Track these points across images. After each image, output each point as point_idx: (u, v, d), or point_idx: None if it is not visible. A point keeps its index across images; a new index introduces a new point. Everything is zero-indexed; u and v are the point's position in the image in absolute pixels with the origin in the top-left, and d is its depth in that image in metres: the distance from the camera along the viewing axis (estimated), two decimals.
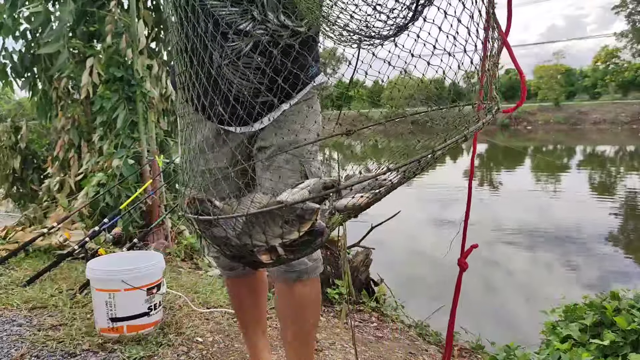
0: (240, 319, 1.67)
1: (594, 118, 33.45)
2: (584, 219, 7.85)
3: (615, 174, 13.92)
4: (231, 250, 0.76)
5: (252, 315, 1.61)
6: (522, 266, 5.60)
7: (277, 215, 0.72)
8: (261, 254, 0.73)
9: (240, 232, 0.74)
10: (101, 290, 2.01)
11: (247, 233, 0.73)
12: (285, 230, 0.72)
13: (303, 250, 0.76)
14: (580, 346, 1.87)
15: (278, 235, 0.72)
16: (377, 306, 2.76)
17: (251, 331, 1.62)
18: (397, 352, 2.21)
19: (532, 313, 3.61)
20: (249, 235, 0.73)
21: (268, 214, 0.71)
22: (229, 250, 0.76)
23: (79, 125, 4.51)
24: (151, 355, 1.90)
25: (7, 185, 5.23)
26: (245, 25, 0.78)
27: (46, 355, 1.87)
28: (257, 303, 1.59)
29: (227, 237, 0.74)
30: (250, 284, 1.54)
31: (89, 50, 4.22)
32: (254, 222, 0.72)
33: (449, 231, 6.97)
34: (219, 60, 1.05)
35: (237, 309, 1.65)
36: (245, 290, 1.55)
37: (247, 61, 0.76)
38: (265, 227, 0.72)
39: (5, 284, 2.68)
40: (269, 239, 0.72)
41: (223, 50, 1.01)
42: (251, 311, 1.60)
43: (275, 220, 0.72)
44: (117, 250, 3.33)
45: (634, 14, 39.46)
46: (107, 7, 4.10)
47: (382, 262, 3.22)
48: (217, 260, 1.52)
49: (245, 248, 0.74)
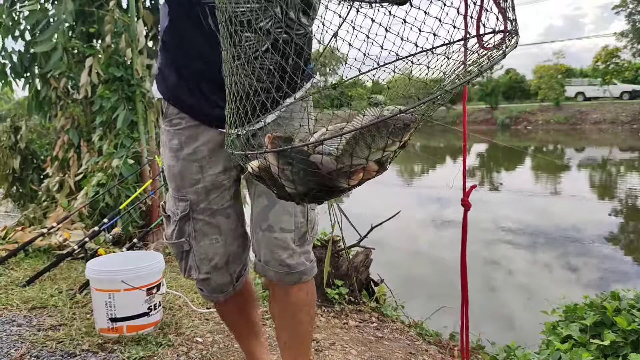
0: (236, 334, 1.63)
1: (594, 118, 33.45)
2: (584, 219, 7.84)
3: (615, 174, 13.92)
4: (310, 182, 0.73)
5: (248, 329, 1.56)
6: (522, 266, 5.60)
7: (385, 126, 0.69)
8: (358, 173, 0.72)
9: (342, 153, 0.71)
10: (101, 291, 2.01)
11: (348, 152, 0.71)
12: (389, 141, 0.70)
13: (388, 165, 0.75)
14: (580, 346, 1.87)
15: (381, 148, 0.70)
16: (377, 306, 2.76)
17: (246, 341, 1.59)
18: (397, 352, 2.21)
19: (532, 313, 3.61)
20: (350, 154, 0.70)
21: (377, 126, 0.68)
22: (308, 183, 0.73)
23: (78, 125, 4.51)
24: (151, 355, 1.90)
25: (7, 185, 5.24)
26: (266, 23, 0.77)
27: (46, 355, 1.87)
28: (249, 317, 1.54)
29: (320, 164, 0.71)
30: (239, 302, 1.47)
31: (88, 50, 4.22)
32: (361, 137, 0.70)
33: (448, 231, 6.98)
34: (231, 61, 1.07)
35: (231, 327, 1.60)
36: (236, 309, 1.48)
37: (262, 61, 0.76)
38: (371, 140, 0.70)
39: (5, 284, 2.68)
40: (372, 154, 0.70)
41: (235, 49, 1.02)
42: (246, 326, 1.55)
43: (381, 132, 0.70)
44: (116, 250, 3.33)
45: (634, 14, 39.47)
46: (107, 7, 4.10)
47: (382, 262, 3.22)
48: (205, 286, 1.36)
49: (339, 171, 0.72)
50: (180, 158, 1.23)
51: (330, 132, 0.77)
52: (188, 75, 1.19)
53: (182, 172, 1.24)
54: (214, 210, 1.27)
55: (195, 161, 1.23)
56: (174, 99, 1.23)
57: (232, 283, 1.37)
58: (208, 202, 1.26)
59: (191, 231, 1.27)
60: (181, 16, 1.14)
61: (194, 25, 1.10)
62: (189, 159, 1.23)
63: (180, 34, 1.16)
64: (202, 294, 1.41)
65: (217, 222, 1.28)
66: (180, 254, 1.32)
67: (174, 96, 1.23)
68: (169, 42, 1.20)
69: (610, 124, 32.00)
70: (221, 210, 1.28)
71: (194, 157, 1.23)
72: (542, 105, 36.97)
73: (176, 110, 1.23)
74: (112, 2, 4.03)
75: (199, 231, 1.27)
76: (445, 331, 2.66)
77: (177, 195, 1.27)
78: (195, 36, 1.13)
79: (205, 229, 1.27)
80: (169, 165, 1.27)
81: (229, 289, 1.37)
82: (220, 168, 1.24)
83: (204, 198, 1.25)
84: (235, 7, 0.75)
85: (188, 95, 1.20)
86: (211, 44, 1.06)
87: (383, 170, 0.75)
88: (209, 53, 1.10)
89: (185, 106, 1.22)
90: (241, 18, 0.75)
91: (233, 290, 1.39)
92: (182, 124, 1.23)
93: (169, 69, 1.22)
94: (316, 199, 0.78)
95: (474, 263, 5.69)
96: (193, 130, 1.22)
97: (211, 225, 1.28)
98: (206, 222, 1.27)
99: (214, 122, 1.21)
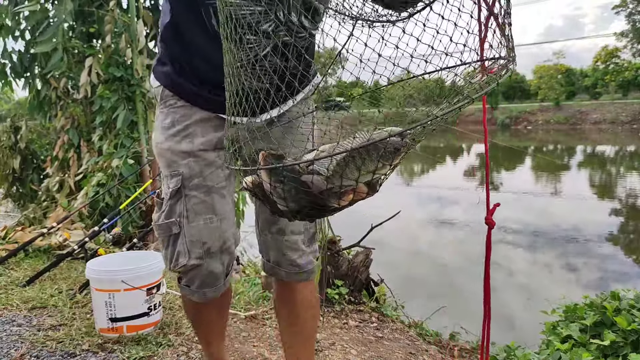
0: (208, 337, 1.48)
1: (594, 118, 33.45)
2: (584, 219, 7.85)
3: (615, 174, 13.92)
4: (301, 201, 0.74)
5: (220, 332, 1.48)
6: (522, 266, 5.60)
7: (375, 150, 0.70)
8: (348, 194, 0.73)
9: (332, 174, 0.72)
10: (101, 291, 2.01)
11: (338, 173, 0.72)
12: (379, 165, 0.71)
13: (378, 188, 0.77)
14: (580, 346, 1.87)
15: (371, 171, 0.72)
16: (377, 306, 2.76)
17: (215, 345, 1.49)
18: (397, 352, 2.21)
19: (532, 313, 3.61)
20: (340, 175, 0.71)
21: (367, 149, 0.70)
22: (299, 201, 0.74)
23: (78, 125, 4.51)
24: (151, 355, 1.90)
25: (7, 185, 5.24)
26: (268, 26, 0.77)
27: (46, 356, 1.87)
28: (225, 318, 1.49)
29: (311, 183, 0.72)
30: (223, 302, 1.38)
31: (88, 50, 4.23)
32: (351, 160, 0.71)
33: (448, 231, 6.98)
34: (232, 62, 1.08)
35: (205, 328, 1.45)
36: (217, 309, 1.39)
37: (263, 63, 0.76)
38: (361, 163, 0.71)
39: (5, 284, 2.68)
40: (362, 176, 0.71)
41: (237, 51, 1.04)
42: (221, 329, 1.48)
43: (371, 155, 0.71)
44: (116, 250, 3.33)
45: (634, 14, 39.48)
46: (106, 6, 4.10)
47: (382, 262, 3.22)
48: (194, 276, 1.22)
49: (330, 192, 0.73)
50: (171, 134, 1.18)
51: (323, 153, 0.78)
52: (189, 71, 1.17)
53: (172, 147, 1.17)
54: (209, 187, 1.17)
55: (187, 136, 1.17)
56: (172, 85, 1.20)
57: (223, 276, 1.25)
58: (203, 178, 1.16)
59: (183, 210, 1.16)
60: (183, 14, 1.12)
61: (197, 25, 1.08)
62: (180, 135, 1.17)
63: (182, 32, 1.14)
64: (187, 291, 1.25)
65: (212, 200, 1.17)
66: (167, 238, 1.19)
67: (173, 83, 1.20)
68: (170, 38, 1.18)
69: (610, 124, 31.99)
70: (217, 188, 1.18)
71: (185, 133, 1.17)
72: (542, 105, 36.97)
73: (171, 93, 1.20)
74: (112, 2, 4.03)
75: (191, 210, 1.16)
76: (445, 331, 2.66)
77: (169, 172, 1.18)
78: (197, 35, 1.10)
79: (199, 208, 1.16)
80: (157, 142, 1.20)
81: (220, 283, 1.24)
82: (212, 146, 1.18)
83: (198, 173, 1.16)
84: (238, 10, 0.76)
85: (188, 86, 1.18)
86: (213, 43, 1.05)
87: (373, 193, 0.76)
88: (211, 53, 1.07)
89: (184, 93, 1.18)
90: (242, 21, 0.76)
91: (224, 286, 1.26)
92: (177, 103, 1.19)
93: (169, 61, 1.20)
94: (308, 217, 0.79)
95: (474, 263, 5.69)
96: (187, 109, 1.18)
97: (205, 204, 1.16)
98: (200, 200, 1.16)
99: (210, 106, 1.17)
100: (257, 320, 2.33)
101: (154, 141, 1.23)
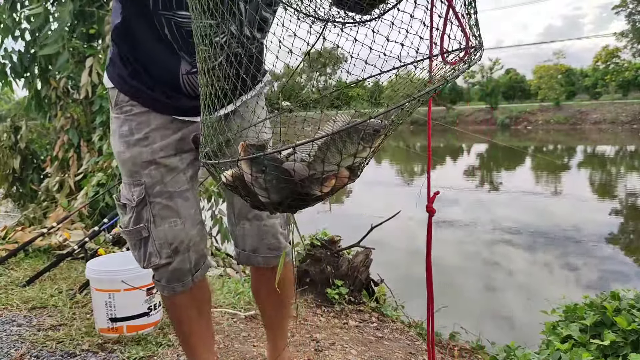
0: (191, 341, 1.46)
1: (594, 118, 33.45)
2: (584, 219, 7.85)
3: (615, 174, 13.92)
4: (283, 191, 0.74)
5: (204, 333, 1.45)
6: (522, 266, 5.60)
7: (356, 132, 0.71)
8: (330, 179, 0.73)
9: (313, 160, 0.73)
10: (101, 291, 2.01)
11: (320, 158, 0.72)
12: (360, 147, 0.72)
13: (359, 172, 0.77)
14: (580, 346, 1.87)
15: (352, 154, 0.72)
16: (377, 306, 2.76)
17: (206, 350, 1.46)
18: (397, 352, 2.21)
19: (532, 313, 3.61)
20: (322, 160, 0.72)
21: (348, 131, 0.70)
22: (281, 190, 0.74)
23: (78, 125, 4.51)
24: (151, 355, 1.90)
25: (7, 185, 5.24)
26: (221, 38, 0.79)
27: (46, 355, 1.87)
28: (206, 318, 1.46)
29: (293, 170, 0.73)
30: (197, 297, 1.38)
31: (88, 50, 4.23)
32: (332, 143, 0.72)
33: (448, 231, 6.98)
34: (186, 68, 1.15)
35: (186, 326, 1.43)
36: (194, 304, 1.38)
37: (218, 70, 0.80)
38: (342, 146, 0.71)
39: (5, 284, 2.68)
40: (344, 160, 0.72)
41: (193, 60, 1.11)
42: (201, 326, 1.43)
43: (352, 138, 0.71)
44: (117, 250, 3.33)
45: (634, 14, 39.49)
46: (106, 7, 4.10)
47: (382, 262, 3.22)
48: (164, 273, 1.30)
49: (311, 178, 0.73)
50: (131, 144, 1.21)
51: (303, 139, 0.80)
52: (143, 73, 1.19)
53: (134, 157, 1.21)
54: (170, 192, 1.24)
55: (146, 145, 1.21)
56: (127, 89, 1.21)
57: (191, 272, 1.31)
58: (164, 184, 1.23)
59: (149, 216, 1.24)
60: (134, 17, 1.13)
61: (149, 29, 1.11)
62: (140, 145, 1.21)
63: (132, 34, 1.16)
64: (159, 285, 1.34)
65: (175, 204, 1.25)
66: (138, 242, 1.27)
67: (128, 86, 1.21)
68: (120, 39, 1.19)
69: (610, 124, 31.99)
70: (179, 192, 1.25)
71: (145, 142, 1.21)
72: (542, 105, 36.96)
73: (127, 98, 1.22)
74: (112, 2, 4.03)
75: (157, 215, 1.24)
76: (445, 331, 2.66)
77: (131, 180, 1.24)
78: (148, 39, 1.13)
79: (164, 213, 1.24)
80: (118, 151, 1.24)
81: (187, 279, 1.31)
82: (172, 151, 1.23)
83: (159, 180, 1.23)
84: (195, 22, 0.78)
85: (144, 90, 1.20)
86: (165, 47, 1.12)
87: (355, 177, 0.77)
88: (163, 56, 1.14)
89: (141, 99, 1.21)
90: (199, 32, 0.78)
91: (192, 282, 1.32)
92: (133, 110, 1.21)
93: (121, 62, 1.21)
94: (290, 208, 0.80)
95: (474, 263, 5.70)
96: (144, 116, 1.21)
97: (169, 209, 1.24)
98: (164, 206, 1.24)
99: (167, 110, 1.21)
100: (257, 320, 2.33)
101: (114, 149, 1.27)
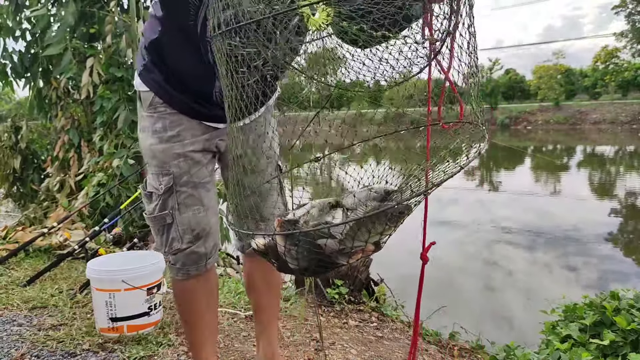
0: (196, 334, 1.49)
1: (594, 118, 33.46)
2: (584, 219, 7.85)
3: (614, 173, 13.92)
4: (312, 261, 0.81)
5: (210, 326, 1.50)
6: (522, 266, 5.60)
7: (384, 215, 0.78)
8: (358, 253, 0.81)
9: (345, 237, 0.80)
10: (101, 290, 2.02)
11: (351, 236, 0.79)
12: (386, 227, 0.80)
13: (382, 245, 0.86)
14: (580, 346, 1.88)
15: (379, 233, 0.80)
16: (377, 306, 2.76)
17: (210, 347, 1.50)
18: (397, 352, 2.21)
19: (532, 313, 3.62)
20: (352, 237, 0.79)
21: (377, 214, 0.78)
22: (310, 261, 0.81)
23: (79, 125, 4.52)
24: (151, 355, 1.90)
25: (8, 185, 5.24)
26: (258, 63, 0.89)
27: (46, 355, 1.87)
28: (213, 311, 1.51)
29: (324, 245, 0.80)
30: (207, 285, 1.45)
31: (89, 51, 4.23)
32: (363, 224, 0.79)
33: (448, 231, 6.98)
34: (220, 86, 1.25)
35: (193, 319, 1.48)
36: (203, 290, 1.45)
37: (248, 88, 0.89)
38: (371, 226, 0.79)
39: (6, 283, 2.68)
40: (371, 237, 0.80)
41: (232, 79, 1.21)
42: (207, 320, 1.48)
43: (380, 219, 0.79)
44: (117, 250, 3.33)
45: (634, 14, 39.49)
46: (107, 7, 4.10)
47: (382, 262, 3.22)
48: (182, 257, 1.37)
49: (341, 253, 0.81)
50: (164, 139, 1.32)
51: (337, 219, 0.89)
52: (175, 81, 1.30)
53: (165, 149, 1.33)
54: (195, 183, 1.36)
55: (178, 142, 1.33)
56: (162, 93, 1.32)
57: (206, 257, 1.41)
58: (190, 175, 1.34)
59: (174, 204, 1.35)
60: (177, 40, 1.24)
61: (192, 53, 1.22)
62: (172, 140, 1.32)
63: (171, 52, 1.27)
64: (173, 268, 1.40)
65: (199, 194, 1.36)
66: (162, 228, 1.37)
67: (163, 90, 1.32)
68: (157, 52, 1.29)
69: (609, 124, 31.99)
70: (202, 184, 1.37)
71: (177, 138, 1.33)
72: (542, 106, 36.96)
73: (162, 100, 1.33)
74: (113, 2, 4.03)
75: (182, 203, 1.35)
76: (445, 331, 2.66)
77: (160, 170, 1.34)
78: (188, 59, 1.25)
79: (189, 201, 1.35)
80: (150, 144, 1.34)
81: (202, 263, 1.41)
82: (200, 147, 1.36)
83: (187, 171, 1.34)
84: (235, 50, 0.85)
85: (177, 96, 1.31)
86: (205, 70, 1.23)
87: (378, 250, 0.86)
88: (195, 70, 1.25)
89: (174, 103, 1.32)
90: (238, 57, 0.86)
91: (204, 267, 1.41)
92: (167, 110, 1.33)
93: (158, 69, 1.31)
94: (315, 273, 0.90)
95: (474, 263, 5.70)
96: (177, 116, 1.33)
97: (194, 197, 1.36)
98: (189, 195, 1.35)
99: (197, 116, 1.33)
100: None
101: (145, 142, 1.37)
